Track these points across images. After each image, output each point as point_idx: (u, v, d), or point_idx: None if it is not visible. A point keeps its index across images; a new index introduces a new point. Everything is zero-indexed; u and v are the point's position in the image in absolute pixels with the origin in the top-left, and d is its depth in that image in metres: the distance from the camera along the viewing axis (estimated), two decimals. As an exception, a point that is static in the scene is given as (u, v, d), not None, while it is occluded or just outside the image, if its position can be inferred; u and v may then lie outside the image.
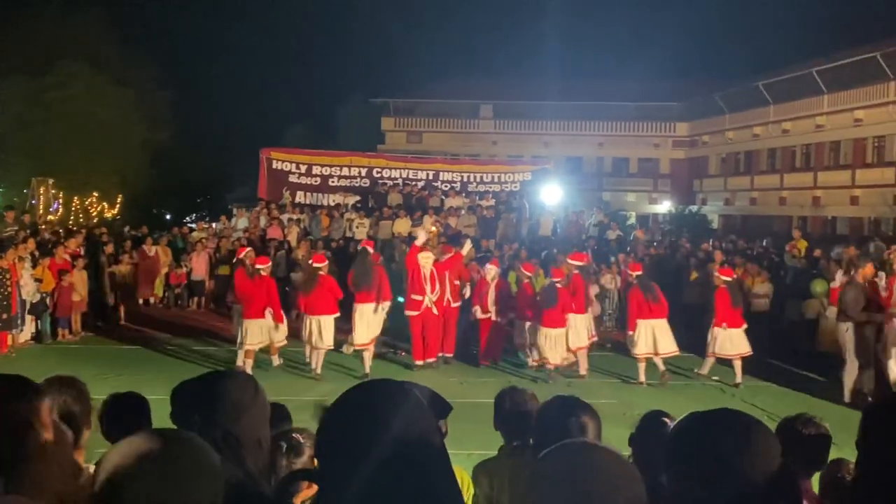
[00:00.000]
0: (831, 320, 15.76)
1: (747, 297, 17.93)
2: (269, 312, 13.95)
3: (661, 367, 14.23)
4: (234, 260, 16.11)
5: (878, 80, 40.21)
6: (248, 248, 15.61)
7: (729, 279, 14.70)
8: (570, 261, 15.38)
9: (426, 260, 15.30)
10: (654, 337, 14.26)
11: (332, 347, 14.44)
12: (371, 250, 15.84)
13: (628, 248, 22.60)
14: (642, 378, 14.24)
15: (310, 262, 15.33)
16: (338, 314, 14.44)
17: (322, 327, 14.12)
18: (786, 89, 46.29)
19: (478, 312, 15.70)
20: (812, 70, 43.91)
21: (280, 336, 14.30)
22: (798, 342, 16.79)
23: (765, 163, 50.12)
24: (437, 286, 15.21)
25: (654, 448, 2.74)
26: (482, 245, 20.99)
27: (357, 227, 24.24)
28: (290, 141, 42.01)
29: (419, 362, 15.01)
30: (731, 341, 14.30)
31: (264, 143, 29.39)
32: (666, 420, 4.75)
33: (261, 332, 13.94)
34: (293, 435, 3.51)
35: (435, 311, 15.16)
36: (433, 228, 23.05)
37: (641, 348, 14.25)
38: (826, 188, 44.15)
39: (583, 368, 14.74)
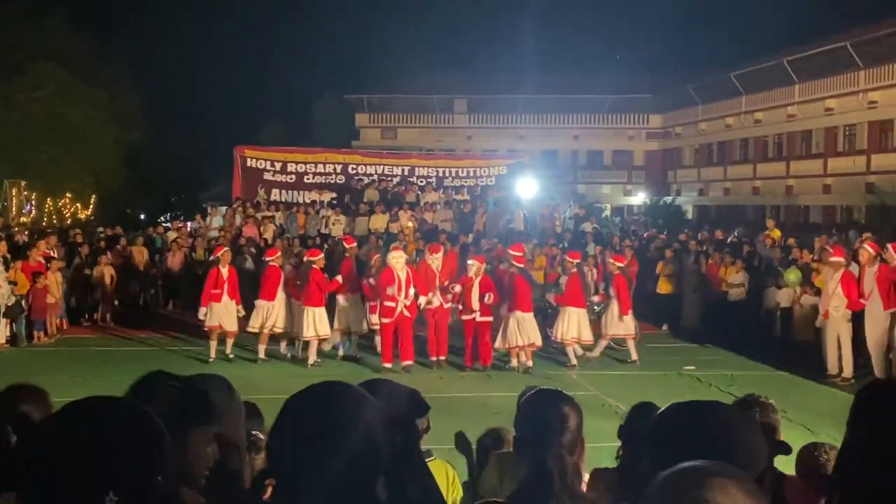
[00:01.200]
0: (806, 309, 15.94)
1: (720, 287, 18.11)
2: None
3: (577, 353, 15.08)
4: (210, 258, 16.21)
5: (849, 69, 40.61)
6: (226, 249, 15.82)
7: (622, 265, 15.74)
8: (510, 251, 15.17)
9: (397, 261, 14.50)
10: (578, 324, 14.83)
11: (324, 336, 14.81)
12: (348, 245, 15.85)
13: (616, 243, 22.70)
14: (574, 361, 14.89)
15: (304, 256, 15.77)
16: (323, 307, 14.65)
17: (311, 318, 14.47)
18: (757, 80, 46.65)
19: (457, 312, 14.87)
20: (783, 60, 44.27)
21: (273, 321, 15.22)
22: (773, 331, 16.94)
23: (737, 153, 50.51)
24: (412, 289, 14.34)
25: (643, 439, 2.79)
26: (460, 240, 20.98)
27: (333, 224, 24.18)
28: (264, 138, 41.87)
29: (387, 365, 14.15)
30: (623, 323, 15.22)
31: (238, 141, 29.24)
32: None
33: (266, 315, 15.05)
34: (252, 432, 3.55)
35: (407, 313, 14.33)
36: (409, 224, 23.06)
37: (571, 333, 14.78)
38: (798, 177, 44.53)
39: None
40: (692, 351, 16.49)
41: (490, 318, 14.60)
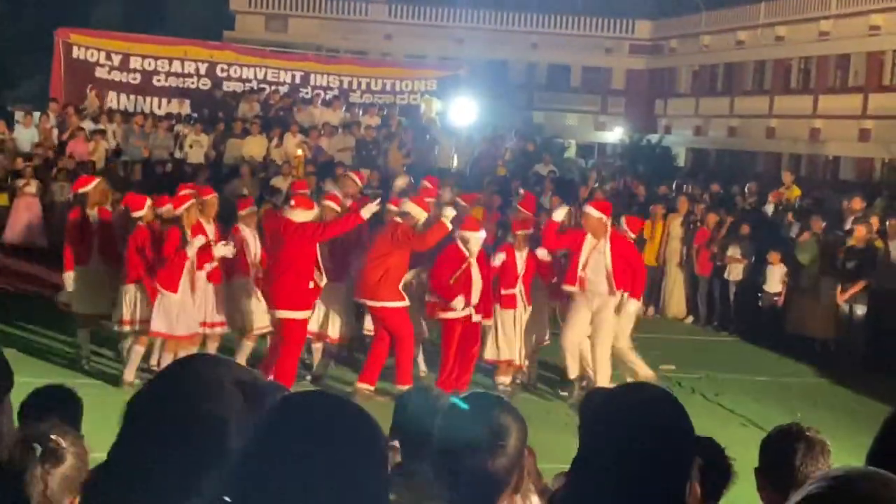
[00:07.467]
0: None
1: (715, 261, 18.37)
2: None
3: None
4: (74, 195, 14.93)
5: (904, -25, 41.13)
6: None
7: None
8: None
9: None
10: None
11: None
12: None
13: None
14: None
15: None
16: None
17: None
18: (782, -18, 47.11)
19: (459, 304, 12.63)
20: (818, -42, 44.74)
21: None
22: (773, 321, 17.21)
23: (750, 80, 50.91)
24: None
25: None
26: (359, 180, 20.70)
27: (191, 146, 23.83)
28: (98, 21, 40.91)
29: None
30: None
31: (62, 23, 28.62)
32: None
33: None
34: (52, 437, 3.51)
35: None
36: (299, 152, 22.86)
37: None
38: (829, 117, 44.90)
39: None
40: (674, 344, 16.73)
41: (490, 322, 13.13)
